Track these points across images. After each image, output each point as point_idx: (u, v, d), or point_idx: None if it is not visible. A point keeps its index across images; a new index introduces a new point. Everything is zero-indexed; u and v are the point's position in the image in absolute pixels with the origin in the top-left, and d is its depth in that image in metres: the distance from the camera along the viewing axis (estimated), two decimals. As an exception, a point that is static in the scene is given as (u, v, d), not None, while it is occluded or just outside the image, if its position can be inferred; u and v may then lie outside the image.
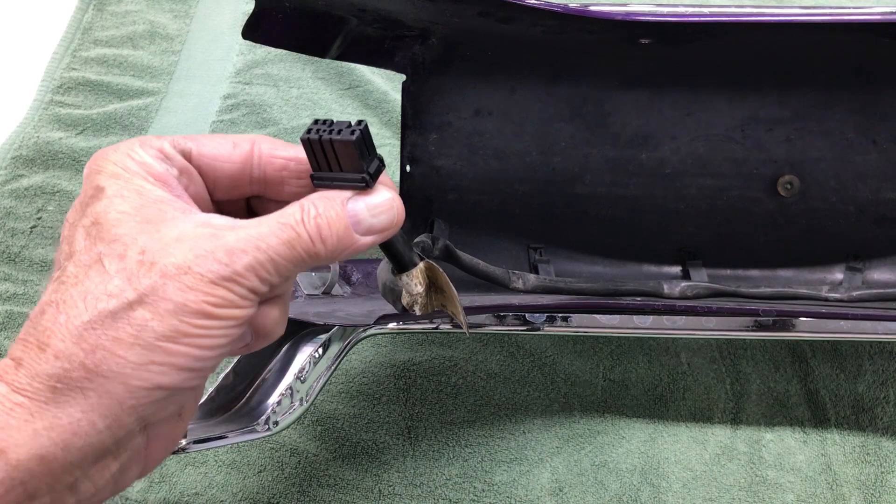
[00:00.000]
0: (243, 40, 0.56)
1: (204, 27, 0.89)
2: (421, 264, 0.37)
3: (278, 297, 0.36)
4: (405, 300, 0.39)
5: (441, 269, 0.39)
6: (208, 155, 0.35)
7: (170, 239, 0.31)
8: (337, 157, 0.33)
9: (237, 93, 0.83)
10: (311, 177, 0.34)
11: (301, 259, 0.32)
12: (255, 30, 0.55)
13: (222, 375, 0.53)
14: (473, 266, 0.60)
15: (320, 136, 0.32)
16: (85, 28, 0.88)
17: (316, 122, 0.33)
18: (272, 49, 0.82)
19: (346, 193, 0.33)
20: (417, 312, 0.39)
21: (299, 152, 0.35)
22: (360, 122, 0.33)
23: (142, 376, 0.30)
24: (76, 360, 0.29)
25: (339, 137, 0.32)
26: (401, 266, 0.37)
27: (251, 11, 0.54)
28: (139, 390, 0.30)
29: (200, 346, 0.31)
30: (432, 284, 0.39)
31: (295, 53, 0.78)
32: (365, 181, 0.33)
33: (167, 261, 0.30)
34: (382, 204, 0.34)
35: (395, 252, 0.37)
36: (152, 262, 0.30)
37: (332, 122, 0.33)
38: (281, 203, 0.34)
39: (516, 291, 0.60)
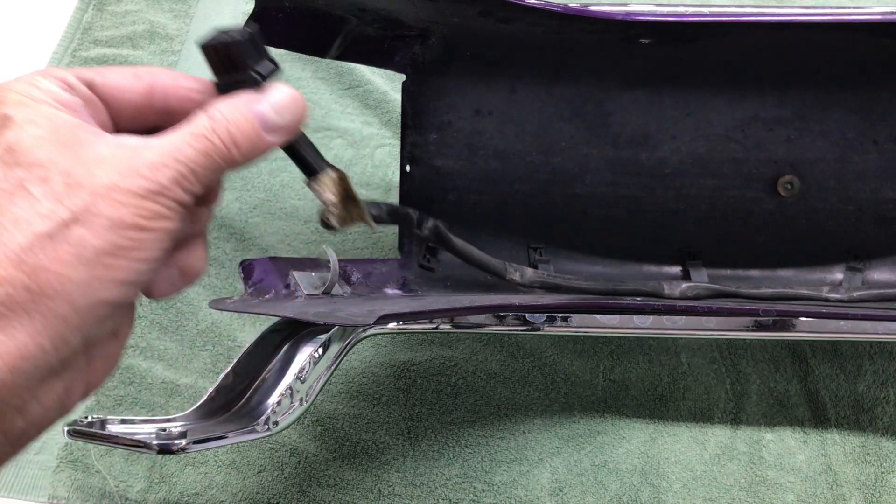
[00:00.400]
0: (243, 40, 0.56)
1: (204, 27, 0.89)
2: (331, 171, 0.38)
3: (198, 236, 0.38)
4: (321, 212, 0.39)
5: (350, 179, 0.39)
6: (111, 85, 0.36)
7: (90, 161, 0.32)
8: (232, 61, 0.35)
9: (237, 93, 0.83)
10: (215, 84, 0.36)
11: (218, 166, 0.34)
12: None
13: (222, 375, 0.52)
14: (467, 252, 0.59)
15: (215, 41, 0.35)
16: (85, 28, 0.88)
17: (215, 30, 0.35)
18: (272, 49, 0.82)
19: (248, 95, 0.35)
20: (335, 224, 0.40)
21: (202, 84, 0.37)
22: (253, 28, 0.35)
23: (86, 293, 0.31)
24: (19, 283, 0.30)
25: (230, 39, 0.34)
26: (308, 171, 0.38)
27: (251, 11, 0.54)
28: (84, 308, 0.31)
29: (138, 259, 0.32)
30: (348, 196, 0.39)
31: (295, 53, 0.78)
32: (255, 80, 0.35)
33: (94, 181, 0.31)
34: (285, 100, 0.35)
35: (301, 155, 0.38)
36: (79, 183, 0.31)
37: (229, 29, 0.35)
38: None
39: (513, 283, 0.60)
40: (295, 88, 0.36)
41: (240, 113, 0.34)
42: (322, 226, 0.40)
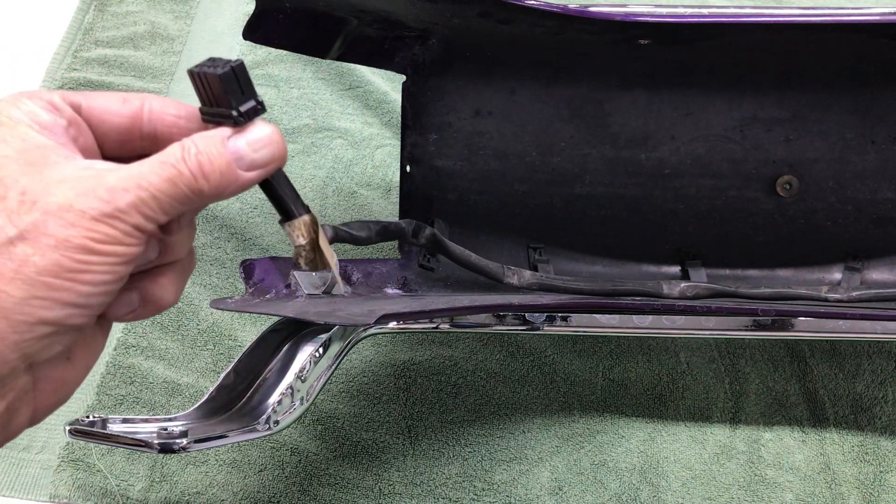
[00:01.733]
0: (244, 41, 0.56)
1: (205, 28, 0.90)
2: (305, 217, 0.38)
3: (170, 265, 0.37)
4: (293, 252, 0.40)
5: (323, 229, 0.40)
6: (98, 108, 0.36)
7: (52, 181, 0.31)
8: (214, 93, 0.34)
9: (238, 93, 0.83)
10: (200, 111, 0.36)
11: (185, 196, 0.33)
12: (255, 30, 0.56)
13: (223, 375, 0.53)
14: (465, 258, 0.59)
15: (199, 69, 0.34)
16: (86, 29, 0.88)
17: (211, 59, 0.35)
18: (273, 50, 0.82)
19: (226, 131, 0.34)
20: (303, 266, 0.40)
21: (190, 111, 0.37)
22: (236, 61, 0.34)
23: (24, 311, 0.30)
24: None
25: (211, 71, 0.34)
26: (284, 213, 0.39)
27: (252, 12, 0.54)
28: (22, 325, 0.31)
29: (84, 282, 0.31)
30: (319, 242, 0.39)
31: (295, 54, 0.78)
32: (233, 117, 0.34)
33: (48, 199, 0.31)
34: (263, 139, 0.35)
35: (278, 196, 0.38)
36: (33, 202, 0.31)
37: (220, 58, 0.34)
38: None
39: (510, 287, 0.60)
40: (276, 127, 0.36)
41: (214, 146, 0.34)
42: (293, 266, 0.41)
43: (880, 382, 0.66)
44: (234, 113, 0.34)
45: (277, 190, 0.37)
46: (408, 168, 0.65)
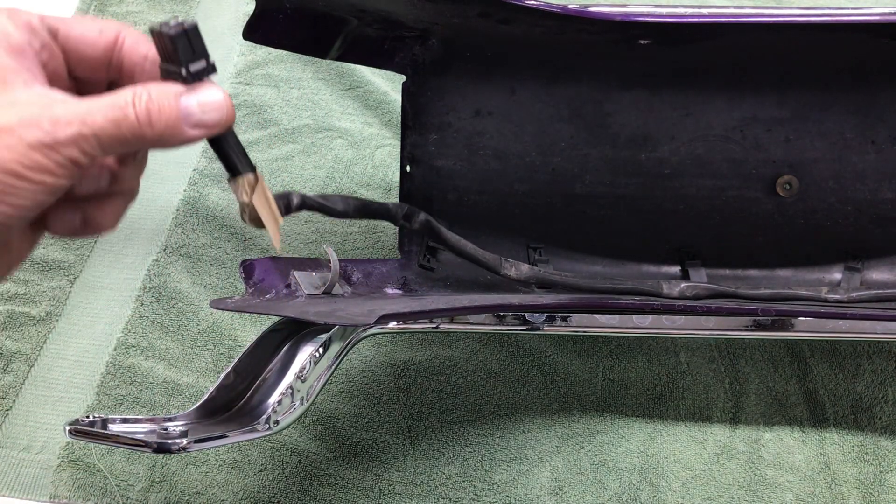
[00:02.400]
0: (244, 41, 0.56)
1: (204, 28, 0.89)
2: (250, 175, 0.40)
3: (117, 194, 0.39)
4: (238, 208, 0.41)
5: (268, 190, 0.41)
6: (74, 37, 0.37)
7: (3, 102, 0.33)
8: (168, 51, 0.36)
9: (238, 93, 0.83)
10: (159, 66, 0.37)
11: (125, 139, 0.34)
12: (255, 30, 0.56)
13: (223, 375, 0.53)
14: (461, 247, 0.59)
15: (156, 29, 0.36)
16: (86, 29, 0.88)
17: (174, 17, 0.36)
18: (273, 50, 0.82)
19: (180, 88, 0.36)
20: (246, 221, 0.42)
21: (156, 57, 0.38)
22: (191, 22, 0.36)
23: None
24: None
25: (165, 30, 0.35)
26: (230, 170, 0.40)
27: (252, 12, 0.54)
28: None
29: (8, 203, 0.33)
30: (264, 200, 0.41)
31: (295, 54, 0.78)
32: (182, 76, 0.36)
33: None
34: (213, 102, 0.36)
35: (225, 153, 0.39)
36: None
37: (178, 20, 0.36)
38: None
39: (508, 278, 0.60)
40: (226, 92, 0.36)
41: (166, 98, 0.35)
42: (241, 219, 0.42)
43: (880, 382, 0.66)
44: (184, 72, 0.36)
45: (225, 147, 0.39)
46: (408, 168, 0.65)
